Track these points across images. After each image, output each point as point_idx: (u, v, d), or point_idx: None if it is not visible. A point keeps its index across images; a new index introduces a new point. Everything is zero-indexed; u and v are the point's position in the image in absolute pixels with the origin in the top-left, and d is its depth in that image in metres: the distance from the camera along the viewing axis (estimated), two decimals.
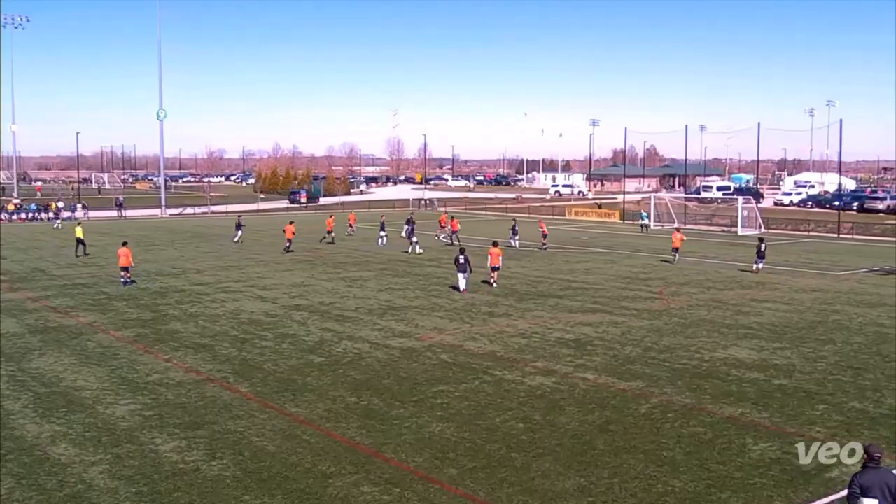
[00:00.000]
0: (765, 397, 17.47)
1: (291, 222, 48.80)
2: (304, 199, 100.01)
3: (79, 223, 48.68)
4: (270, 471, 13.24)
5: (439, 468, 13.40)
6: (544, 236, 49.26)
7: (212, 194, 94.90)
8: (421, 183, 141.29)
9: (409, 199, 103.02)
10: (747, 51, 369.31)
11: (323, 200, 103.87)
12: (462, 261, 31.33)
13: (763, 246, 38.65)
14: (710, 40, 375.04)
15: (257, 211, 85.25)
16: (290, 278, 35.30)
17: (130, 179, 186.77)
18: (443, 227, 56.62)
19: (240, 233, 52.03)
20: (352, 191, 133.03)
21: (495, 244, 34.03)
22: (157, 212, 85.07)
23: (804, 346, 22.46)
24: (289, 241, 45.75)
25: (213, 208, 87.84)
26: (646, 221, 64.99)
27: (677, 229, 51.15)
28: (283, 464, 13.53)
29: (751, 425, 15.64)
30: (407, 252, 45.26)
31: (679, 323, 25.59)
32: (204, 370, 19.62)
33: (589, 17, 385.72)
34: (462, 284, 31.28)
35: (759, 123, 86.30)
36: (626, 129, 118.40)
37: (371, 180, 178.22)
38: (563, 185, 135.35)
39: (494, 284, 32.71)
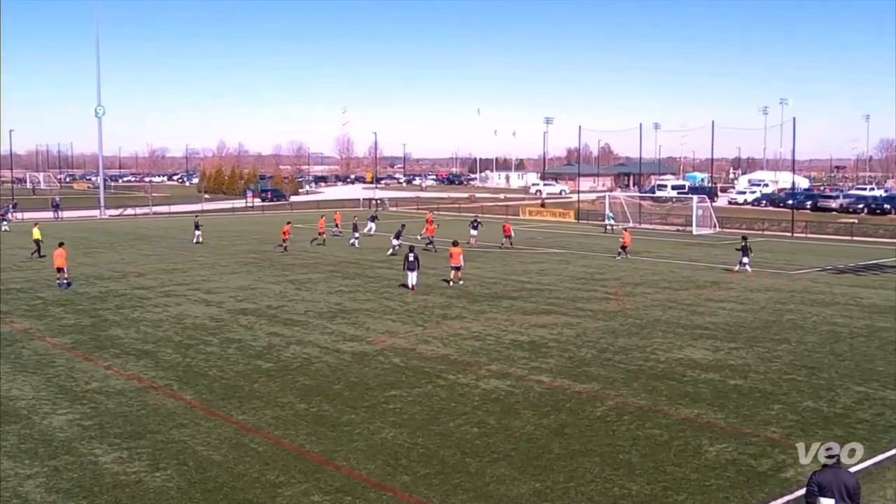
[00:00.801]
0: (720, 398, 17.74)
1: (288, 223, 49.58)
2: (250, 199, 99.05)
3: (35, 224, 47.39)
4: (216, 481, 13.08)
5: (392, 475, 13.37)
6: (507, 236, 50.56)
7: (153, 194, 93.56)
8: (372, 182, 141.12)
9: (359, 199, 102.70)
10: (701, 49, 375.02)
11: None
12: (412, 258, 32.34)
13: (746, 243, 39.20)
14: (664, 38, 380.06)
15: (202, 212, 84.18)
16: (236, 281, 34.95)
17: (67, 179, 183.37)
18: (431, 225, 53.65)
19: (198, 233, 51.72)
20: (300, 190, 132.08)
21: (455, 244, 34.92)
22: (95, 213, 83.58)
23: (759, 345, 22.86)
24: (284, 240, 46.69)
25: (156, 209, 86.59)
26: (612, 222, 65.03)
27: (625, 229, 52.90)
28: (230, 473, 13.38)
29: (707, 426, 15.87)
30: (394, 254, 44.82)
31: (634, 324, 25.88)
32: (146, 377, 19.32)
33: (542, 15, 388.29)
34: (412, 281, 32.18)
35: (713, 122, 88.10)
36: (580, 127, 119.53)
37: (320, 179, 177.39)
38: (545, 184, 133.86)
39: (461, 282, 33.83)
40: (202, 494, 12.55)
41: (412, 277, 32.24)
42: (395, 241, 44.86)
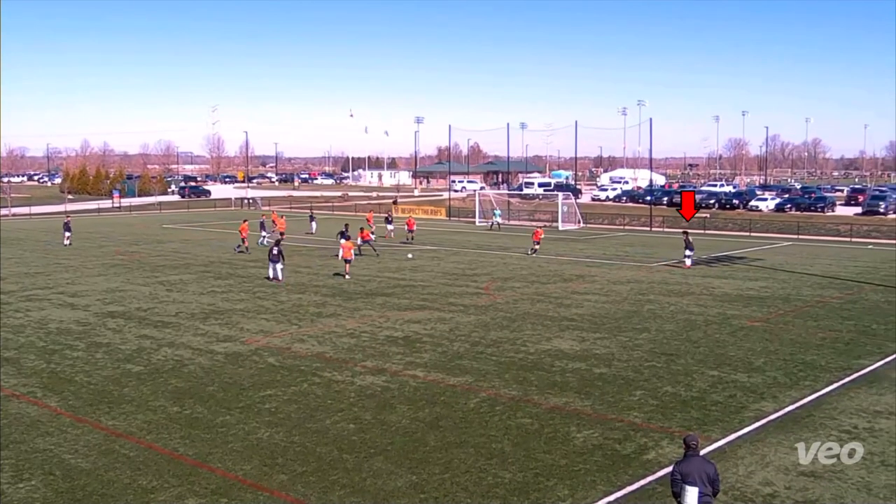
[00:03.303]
0: (587, 386, 18.29)
1: (245, 220, 48.37)
2: (117, 199, 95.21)
3: None
4: (85, 489, 12.54)
5: (269, 475, 13.17)
6: (410, 231, 52.42)
7: (12, 195, 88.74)
8: (243, 181, 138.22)
9: (230, 199, 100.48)
10: (565, 51, 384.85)
11: (137, 201, 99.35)
12: (276, 252, 34.09)
13: (689, 238, 40.50)
14: (530, 40, 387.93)
15: (65, 213, 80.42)
16: (103, 284, 33.57)
17: None
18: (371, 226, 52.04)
19: (69, 234, 49.46)
20: (169, 190, 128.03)
21: (347, 238, 36.97)
22: None
23: (622, 335, 23.68)
24: (243, 240, 45.19)
25: (15, 210, 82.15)
26: (499, 219, 65.50)
27: (539, 227, 53.43)
28: (100, 481, 12.85)
29: (574, 414, 16.33)
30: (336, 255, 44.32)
31: (505, 317, 26.34)
32: (8, 385, 18.30)
33: (413, 15, 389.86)
34: (278, 274, 33.75)
35: (576, 122, 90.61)
36: (450, 126, 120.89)
37: (190, 179, 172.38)
38: (469, 181, 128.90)
39: (348, 277, 34.75)
40: None
41: (275, 270, 33.79)
42: (342, 241, 44.31)
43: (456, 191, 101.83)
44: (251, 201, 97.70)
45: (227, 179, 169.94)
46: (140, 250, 46.70)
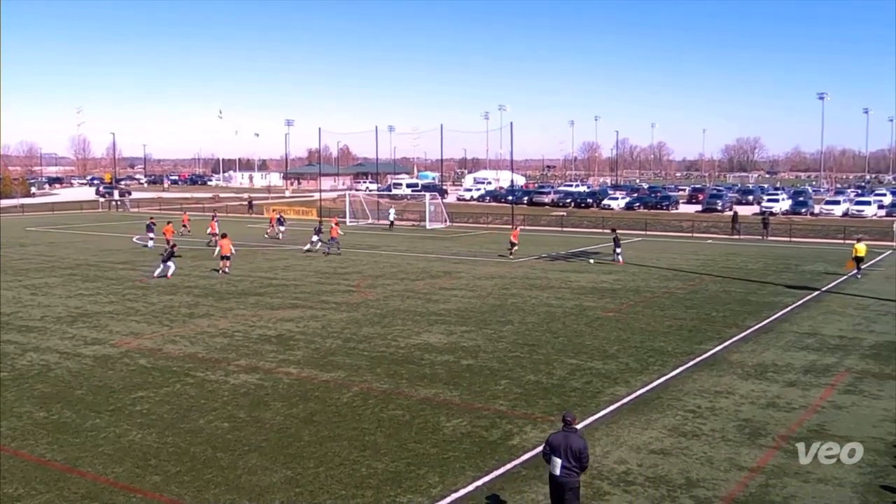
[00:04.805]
0: (455, 377, 18.49)
1: (169, 222, 46.95)
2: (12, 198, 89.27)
3: None
4: None
5: (141, 476, 12.68)
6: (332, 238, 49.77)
7: None
8: (111, 183, 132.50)
9: (98, 201, 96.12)
10: (430, 56, 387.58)
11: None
12: (166, 253, 35.40)
13: (616, 235, 41.50)
14: (395, 45, 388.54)
15: None
16: None
17: None
18: (272, 226, 55.27)
19: None
20: (32, 192, 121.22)
21: (224, 236, 37.29)
22: None
23: (487, 328, 24.06)
24: (168, 240, 42.48)
25: None
26: (392, 218, 65.09)
27: (515, 228, 52.38)
28: None
29: (444, 404, 16.48)
30: (312, 251, 44.36)
31: (376, 313, 26.30)
32: None
33: (281, 17, 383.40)
34: (156, 271, 34.48)
35: (441, 125, 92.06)
36: (319, 129, 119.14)
37: (55, 181, 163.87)
38: (370, 183, 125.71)
39: (227, 272, 35.59)
40: None
41: (161, 268, 34.33)
42: (314, 238, 45.20)
43: (361, 189, 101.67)
44: (119, 203, 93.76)
45: (95, 181, 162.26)
46: (2, 254, 43.99)
